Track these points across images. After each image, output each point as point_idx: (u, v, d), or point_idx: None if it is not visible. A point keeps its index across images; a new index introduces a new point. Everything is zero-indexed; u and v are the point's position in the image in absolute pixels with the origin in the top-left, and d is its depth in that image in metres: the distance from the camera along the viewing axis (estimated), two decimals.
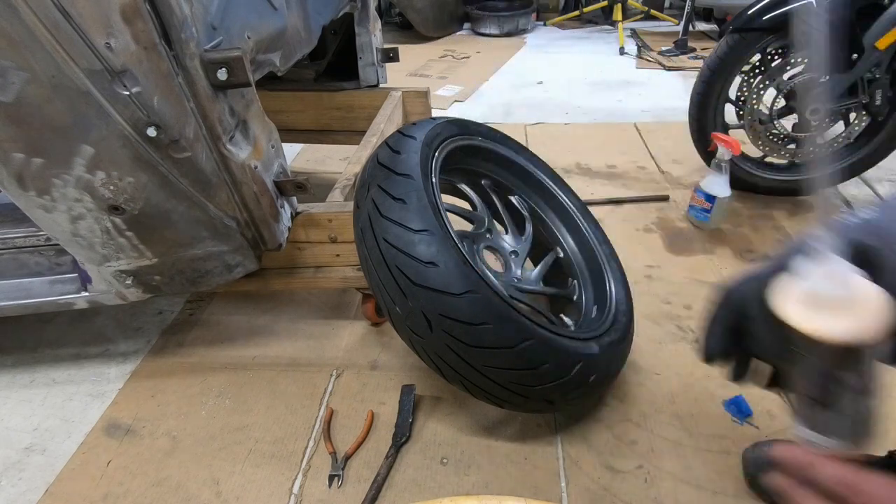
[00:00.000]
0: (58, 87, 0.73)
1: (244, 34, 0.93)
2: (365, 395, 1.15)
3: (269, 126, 1.01)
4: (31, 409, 1.16)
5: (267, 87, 1.68)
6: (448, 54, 3.62)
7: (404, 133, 1.00)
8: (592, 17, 4.40)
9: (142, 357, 1.27)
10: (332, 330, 1.33)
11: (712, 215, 1.63)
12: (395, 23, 4.30)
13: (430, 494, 0.96)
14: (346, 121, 1.73)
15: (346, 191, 1.21)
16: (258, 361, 1.25)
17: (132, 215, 0.90)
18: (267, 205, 1.00)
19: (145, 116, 0.78)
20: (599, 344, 0.96)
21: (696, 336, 1.27)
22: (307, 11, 1.21)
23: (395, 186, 0.88)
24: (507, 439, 1.05)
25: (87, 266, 1.01)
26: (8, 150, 0.79)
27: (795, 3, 1.45)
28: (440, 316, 0.82)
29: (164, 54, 0.76)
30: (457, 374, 0.87)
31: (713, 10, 3.79)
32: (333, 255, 1.17)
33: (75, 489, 0.99)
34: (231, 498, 0.97)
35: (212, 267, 1.03)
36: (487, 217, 1.14)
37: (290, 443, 1.06)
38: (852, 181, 1.83)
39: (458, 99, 2.83)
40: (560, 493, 0.95)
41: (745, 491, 0.95)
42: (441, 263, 0.82)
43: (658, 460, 1.00)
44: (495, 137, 1.21)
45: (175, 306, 1.43)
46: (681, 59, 3.30)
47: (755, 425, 1.06)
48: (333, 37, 1.66)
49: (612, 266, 1.18)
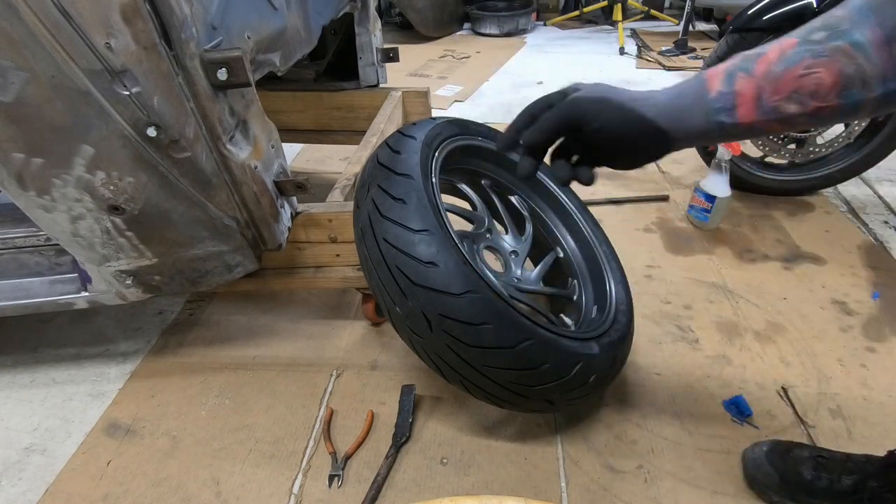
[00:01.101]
0: (58, 87, 0.73)
1: (244, 34, 0.93)
2: (365, 395, 1.15)
3: (269, 126, 1.01)
4: (31, 409, 1.16)
5: (267, 87, 1.68)
6: (448, 54, 3.62)
7: (404, 133, 0.99)
8: (592, 17, 4.40)
9: (142, 357, 1.27)
10: (332, 330, 1.33)
11: (712, 215, 1.63)
12: (395, 23, 4.30)
13: (430, 494, 0.96)
14: (346, 121, 1.73)
15: (346, 191, 1.21)
16: (258, 361, 1.25)
17: (132, 215, 0.90)
18: (267, 205, 1.00)
19: (145, 116, 0.78)
20: (599, 344, 0.96)
21: (695, 336, 1.28)
22: (307, 11, 1.21)
23: (395, 186, 0.88)
24: (507, 439, 1.05)
25: (87, 266, 1.01)
26: (8, 150, 0.79)
27: (795, 3, 1.45)
28: (440, 316, 0.82)
29: (164, 54, 0.75)
30: (457, 374, 0.87)
31: (713, 10, 3.80)
32: (333, 255, 1.17)
33: (75, 489, 0.99)
34: (231, 498, 0.97)
35: (212, 267, 1.03)
36: (487, 217, 1.14)
37: (290, 443, 1.06)
38: (852, 181, 1.83)
39: (458, 99, 2.84)
40: (560, 493, 0.95)
41: (745, 491, 0.95)
42: (441, 263, 0.82)
43: (658, 460, 1.00)
44: (495, 137, 1.21)
45: (175, 306, 1.43)
46: (681, 59, 3.30)
47: (755, 425, 1.06)
48: (333, 37, 1.66)
49: (612, 266, 1.18)
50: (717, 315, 1.34)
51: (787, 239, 1.61)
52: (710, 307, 1.36)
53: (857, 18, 0.49)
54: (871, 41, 0.48)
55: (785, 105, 0.52)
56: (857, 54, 0.48)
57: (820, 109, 0.51)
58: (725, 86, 0.53)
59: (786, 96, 0.51)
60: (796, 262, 1.52)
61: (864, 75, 0.49)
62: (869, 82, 0.49)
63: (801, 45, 0.50)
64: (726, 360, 1.21)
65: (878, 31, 0.48)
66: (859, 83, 0.49)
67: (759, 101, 0.52)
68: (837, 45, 0.49)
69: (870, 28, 0.48)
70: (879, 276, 1.45)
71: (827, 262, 1.51)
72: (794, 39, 0.51)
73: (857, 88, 0.49)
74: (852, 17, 0.49)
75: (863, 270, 1.47)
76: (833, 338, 1.26)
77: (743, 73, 0.52)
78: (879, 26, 0.48)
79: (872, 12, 0.48)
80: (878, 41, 0.48)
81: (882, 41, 0.48)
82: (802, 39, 0.51)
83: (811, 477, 0.89)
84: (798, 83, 0.50)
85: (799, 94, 0.51)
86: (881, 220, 1.71)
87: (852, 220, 1.70)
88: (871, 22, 0.48)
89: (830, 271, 1.48)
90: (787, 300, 1.38)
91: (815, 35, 0.50)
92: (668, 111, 0.55)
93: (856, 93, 0.50)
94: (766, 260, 1.53)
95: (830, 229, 1.65)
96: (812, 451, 0.93)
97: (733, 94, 0.53)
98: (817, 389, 1.13)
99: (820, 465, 0.90)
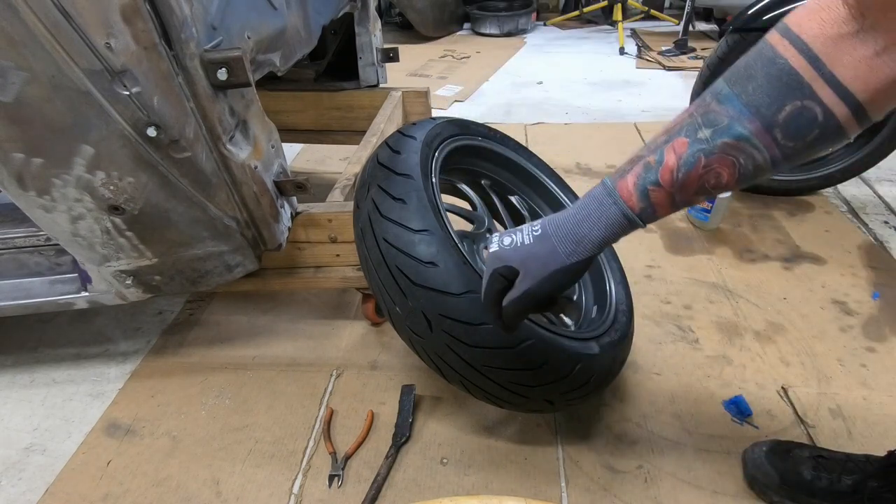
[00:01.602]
0: (58, 87, 0.73)
1: (244, 34, 0.93)
2: (365, 395, 1.15)
3: (269, 126, 1.01)
4: (31, 409, 1.16)
5: (267, 87, 1.68)
6: (448, 54, 3.62)
7: (404, 133, 0.99)
8: (592, 17, 4.40)
9: (142, 357, 1.27)
10: (332, 330, 1.33)
11: (712, 215, 1.63)
12: (395, 23, 4.30)
13: (430, 494, 0.96)
14: (346, 121, 1.73)
15: (346, 191, 1.21)
16: (258, 361, 1.25)
17: (132, 215, 0.90)
18: (267, 205, 1.00)
19: (145, 116, 0.78)
20: (599, 344, 0.96)
21: (695, 336, 1.28)
22: (307, 11, 1.21)
23: (395, 186, 0.88)
24: (507, 439, 1.05)
25: (87, 266, 1.01)
26: (8, 150, 0.79)
27: (795, 3, 1.45)
28: (440, 316, 0.82)
29: (164, 54, 0.76)
30: (457, 374, 0.87)
31: (713, 10, 3.79)
32: (333, 255, 1.17)
33: (75, 489, 0.99)
34: (231, 498, 0.97)
35: (212, 267, 1.03)
36: (487, 217, 1.13)
37: (290, 443, 1.06)
38: (852, 181, 1.83)
39: (458, 99, 2.84)
40: (560, 493, 0.95)
41: (745, 491, 0.95)
42: (441, 263, 0.82)
43: (658, 460, 1.00)
44: (495, 137, 1.21)
45: (175, 306, 1.43)
46: (681, 59, 3.30)
47: (755, 425, 1.06)
48: (333, 37, 1.66)
49: (612, 266, 1.18)
50: (717, 315, 1.34)
51: (787, 239, 1.61)
52: (710, 307, 1.36)
53: (734, 113, 0.52)
54: (753, 132, 0.51)
55: (693, 198, 0.58)
56: (744, 146, 0.52)
57: (721, 191, 0.57)
58: (643, 201, 0.59)
59: (693, 193, 0.57)
60: (796, 262, 1.52)
61: (755, 163, 0.53)
62: (761, 166, 0.53)
63: (692, 145, 0.55)
64: (726, 360, 1.21)
65: (756, 121, 0.51)
66: (752, 170, 0.53)
67: (672, 203, 0.58)
68: (725, 142, 0.53)
69: (749, 120, 0.51)
70: (879, 276, 1.45)
71: (827, 262, 1.51)
72: (684, 139, 0.55)
73: (751, 173, 0.54)
74: (729, 112, 0.52)
75: (863, 270, 1.47)
76: (833, 338, 1.26)
77: (654, 186, 0.58)
78: (757, 117, 0.51)
79: (746, 107, 0.51)
80: (758, 131, 0.51)
81: (763, 130, 0.51)
82: (692, 140, 0.55)
83: (811, 477, 0.89)
84: (701, 181, 0.55)
85: (703, 188, 0.56)
86: (881, 220, 1.71)
87: (852, 220, 1.70)
88: (748, 115, 0.51)
89: (830, 271, 1.48)
90: (787, 300, 1.38)
91: (702, 133, 0.54)
92: (602, 245, 0.62)
93: (751, 176, 0.54)
94: (766, 260, 1.53)
95: (830, 229, 1.65)
96: (812, 451, 0.93)
97: (651, 206, 0.59)
98: (817, 389, 1.13)
99: (820, 465, 0.90)
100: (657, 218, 0.60)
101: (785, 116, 0.49)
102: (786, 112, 0.49)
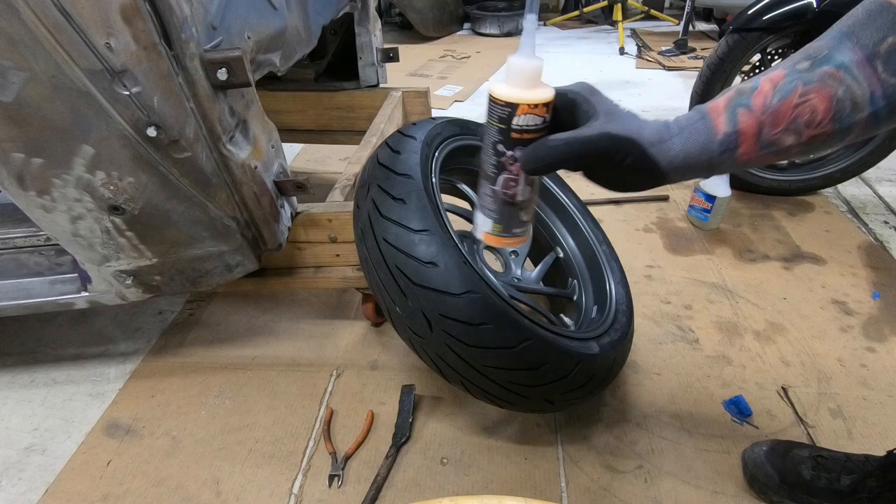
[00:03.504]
0: (58, 87, 0.73)
1: (244, 34, 0.93)
2: (365, 395, 1.15)
3: (269, 126, 1.01)
4: (31, 409, 1.16)
5: (267, 87, 1.68)
6: (448, 54, 3.62)
7: (404, 133, 1.00)
8: (592, 17, 4.40)
9: (142, 357, 1.27)
10: (332, 330, 1.33)
11: (712, 215, 1.63)
12: (395, 23, 4.31)
13: (430, 494, 0.96)
14: (346, 121, 1.73)
15: (346, 191, 1.21)
16: (258, 361, 1.25)
17: (132, 215, 0.90)
18: (267, 205, 1.00)
19: (145, 116, 0.78)
20: (599, 344, 0.96)
21: (695, 336, 1.28)
22: (307, 11, 1.21)
23: (395, 186, 0.88)
24: (507, 439, 1.05)
25: (87, 266, 1.01)
26: (8, 150, 0.79)
27: (795, 2, 1.45)
28: (440, 316, 0.82)
29: (164, 54, 0.75)
30: (457, 374, 0.87)
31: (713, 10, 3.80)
32: (333, 255, 1.17)
33: (75, 489, 0.99)
34: (231, 498, 0.97)
35: (212, 267, 1.03)
36: None
37: (290, 443, 1.06)
38: (852, 181, 1.83)
39: (458, 99, 2.84)
40: (560, 493, 0.96)
41: (745, 491, 0.95)
42: (441, 263, 0.82)
43: (658, 460, 1.00)
44: None
45: (175, 306, 1.43)
46: (681, 59, 3.31)
47: (755, 425, 1.06)
48: (333, 37, 1.66)
49: (612, 266, 1.18)
50: (716, 315, 1.34)
51: (787, 239, 1.61)
52: (710, 307, 1.36)
53: (836, 44, 0.51)
54: (854, 61, 0.50)
55: (783, 137, 0.53)
56: (844, 76, 0.50)
57: (814, 138, 0.53)
58: (730, 125, 0.54)
59: (784, 128, 0.53)
60: (796, 262, 1.52)
61: (853, 96, 0.51)
62: (859, 103, 0.51)
63: (789, 75, 0.52)
64: (726, 360, 1.21)
65: (858, 51, 0.50)
66: (850, 105, 0.51)
67: (759, 137, 0.54)
68: (824, 70, 0.51)
69: (850, 50, 0.50)
70: (879, 276, 1.45)
71: (827, 262, 1.51)
72: (782, 71, 0.53)
73: (848, 111, 0.51)
74: (831, 44, 0.52)
75: (863, 270, 1.48)
76: (833, 338, 1.26)
77: (744, 109, 0.54)
78: (859, 47, 0.50)
79: (848, 38, 0.51)
80: (860, 61, 0.50)
81: (864, 61, 0.50)
82: (790, 70, 0.53)
83: (811, 476, 0.89)
84: (795, 112, 0.52)
85: (796, 123, 0.52)
86: (881, 220, 1.71)
87: (852, 220, 1.70)
88: (849, 45, 0.50)
89: (830, 271, 1.48)
90: (787, 300, 1.38)
91: (801, 65, 0.52)
92: (677, 162, 0.57)
93: (848, 116, 0.51)
94: (766, 260, 1.53)
95: (830, 229, 1.65)
96: (812, 451, 0.93)
97: (737, 133, 0.54)
98: (817, 389, 1.13)
99: (819, 464, 0.90)
100: (737, 157, 0.55)
101: (887, 48, 0.49)
102: (888, 43, 0.49)
